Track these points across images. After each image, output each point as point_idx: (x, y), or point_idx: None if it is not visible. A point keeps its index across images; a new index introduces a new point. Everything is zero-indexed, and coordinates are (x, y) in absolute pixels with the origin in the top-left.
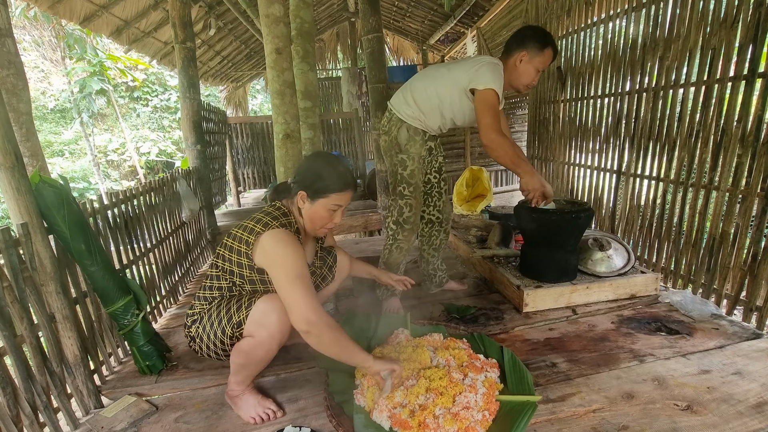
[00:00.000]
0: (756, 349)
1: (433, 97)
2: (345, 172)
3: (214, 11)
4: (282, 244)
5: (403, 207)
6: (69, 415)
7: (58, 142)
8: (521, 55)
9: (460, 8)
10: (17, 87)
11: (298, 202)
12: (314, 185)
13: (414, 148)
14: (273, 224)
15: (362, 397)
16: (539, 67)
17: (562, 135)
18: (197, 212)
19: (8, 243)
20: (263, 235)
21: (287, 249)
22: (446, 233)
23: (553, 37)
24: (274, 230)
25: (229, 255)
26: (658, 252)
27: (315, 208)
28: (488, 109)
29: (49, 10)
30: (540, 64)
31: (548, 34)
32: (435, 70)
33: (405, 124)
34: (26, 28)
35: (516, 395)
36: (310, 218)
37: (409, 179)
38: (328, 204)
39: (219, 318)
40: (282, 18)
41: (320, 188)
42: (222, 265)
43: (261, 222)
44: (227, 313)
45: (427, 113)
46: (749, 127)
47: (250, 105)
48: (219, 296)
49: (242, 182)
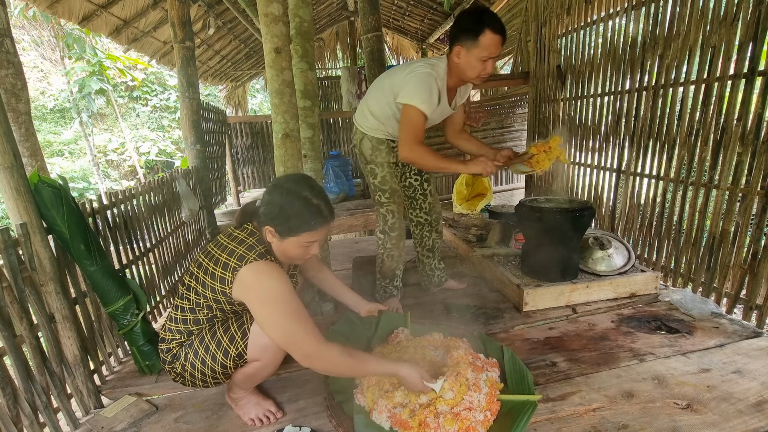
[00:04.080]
0: (756, 347)
1: (385, 106)
2: (318, 205)
3: (213, 10)
4: (264, 277)
5: (386, 215)
6: (69, 415)
7: (58, 141)
8: (457, 50)
9: (460, 7)
10: (16, 87)
11: (266, 234)
12: (282, 223)
13: (380, 156)
14: (250, 256)
15: (362, 397)
16: (482, 56)
17: (562, 134)
18: (197, 212)
19: (7, 243)
20: (241, 271)
21: (270, 282)
22: (438, 233)
23: (492, 14)
24: (253, 264)
25: (203, 290)
26: (658, 250)
27: (285, 246)
28: (406, 125)
29: (47, 10)
30: (481, 54)
31: (483, 16)
32: (382, 80)
33: (366, 136)
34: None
35: (516, 394)
36: (282, 253)
37: (382, 186)
38: (300, 242)
39: (207, 350)
40: (281, 17)
41: (289, 227)
42: (195, 299)
43: (235, 255)
44: (218, 346)
45: (385, 122)
46: (749, 125)
47: (250, 104)
48: (197, 329)
49: (242, 182)
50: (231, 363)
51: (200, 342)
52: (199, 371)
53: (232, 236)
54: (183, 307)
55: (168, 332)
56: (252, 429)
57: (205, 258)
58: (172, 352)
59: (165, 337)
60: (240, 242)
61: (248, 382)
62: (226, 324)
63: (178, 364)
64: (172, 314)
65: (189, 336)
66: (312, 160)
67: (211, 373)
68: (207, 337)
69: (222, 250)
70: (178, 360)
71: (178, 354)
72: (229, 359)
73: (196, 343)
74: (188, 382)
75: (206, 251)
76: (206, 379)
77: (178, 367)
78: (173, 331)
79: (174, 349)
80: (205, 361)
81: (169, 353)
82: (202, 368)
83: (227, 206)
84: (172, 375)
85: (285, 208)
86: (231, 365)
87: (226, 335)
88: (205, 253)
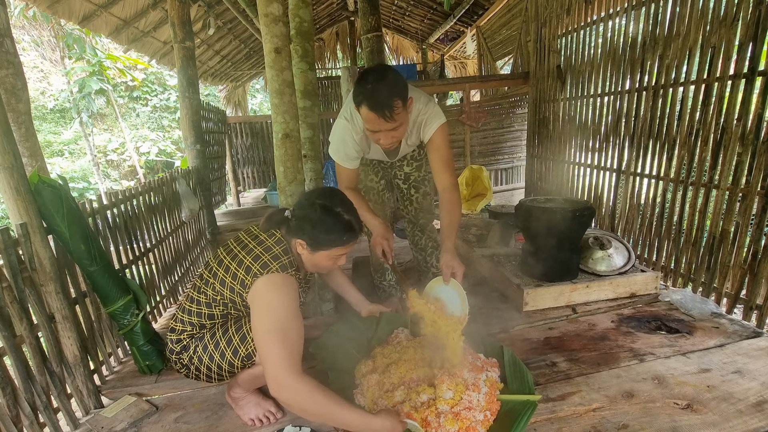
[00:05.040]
0: (756, 347)
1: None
2: (349, 221)
3: (213, 10)
4: (273, 290)
5: None
6: (69, 415)
7: (58, 142)
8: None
9: (460, 7)
10: (16, 87)
11: (296, 247)
12: (315, 238)
13: None
14: (273, 266)
15: (362, 397)
16: (368, 127)
17: (562, 134)
18: (197, 212)
19: (7, 243)
20: (260, 279)
21: (277, 296)
22: (428, 237)
23: (365, 85)
24: (271, 275)
25: (220, 288)
26: (658, 250)
27: (316, 259)
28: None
29: (47, 10)
30: (365, 123)
31: (361, 83)
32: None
33: None
34: (25, 27)
35: (516, 394)
36: (311, 264)
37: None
38: (330, 255)
39: (217, 347)
40: (281, 17)
41: (322, 242)
42: (212, 295)
43: (260, 261)
44: (228, 344)
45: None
46: (749, 125)
47: (250, 104)
48: (210, 323)
49: (242, 182)
50: (239, 363)
51: (211, 337)
52: (206, 366)
53: (258, 239)
54: (199, 300)
55: (179, 323)
56: (252, 429)
57: (227, 255)
58: (182, 342)
59: (175, 327)
60: (266, 249)
61: (252, 383)
62: (239, 323)
63: (186, 356)
64: (186, 305)
65: (201, 329)
66: (312, 160)
67: (217, 369)
68: (219, 333)
69: (247, 252)
70: (186, 351)
71: (187, 345)
72: (237, 359)
73: (207, 337)
74: (192, 375)
75: (228, 248)
76: (211, 375)
77: (185, 358)
78: (185, 323)
79: (184, 339)
80: (213, 357)
81: (179, 344)
82: (209, 363)
83: (227, 206)
84: (177, 366)
85: (318, 224)
86: (239, 365)
87: (238, 334)
88: (227, 251)
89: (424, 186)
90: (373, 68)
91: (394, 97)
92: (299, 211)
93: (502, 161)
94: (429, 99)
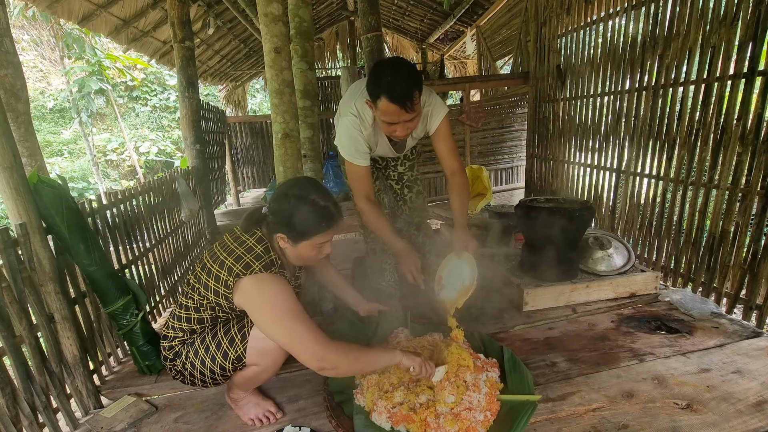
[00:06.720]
0: (756, 347)
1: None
2: (326, 207)
3: (213, 10)
4: (267, 285)
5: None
6: (68, 416)
7: (57, 141)
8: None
9: (460, 7)
10: (15, 87)
11: (278, 242)
12: (294, 230)
13: None
14: (255, 266)
15: (362, 397)
16: (385, 119)
17: (561, 133)
18: (196, 212)
19: (7, 243)
20: (244, 279)
21: (270, 288)
22: (425, 234)
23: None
24: (257, 275)
25: (205, 292)
26: (658, 250)
27: (300, 251)
28: (348, 177)
29: (47, 10)
30: (382, 116)
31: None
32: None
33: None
34: (24, 27)
35: (516, 394)
36: (296, 257)
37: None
38: (313, 244)
39: (207, 351)
40: (281, 17)
41: (301, 233)
42: (199, 300)
43: (242, 262)
44: (218, 347)
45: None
46: (749, 125)
47: (250, 104)
48: (200, 328)
49: (241, 182)
50: (230, 365)
51: (201, 342)
52: (198, 371)
53: (239, 240)
54: (187, 306)
55: (171, 330)
56: (252, 429)
57: (210, 259)
58: (174, 349)
59: (167, 335)
60: (248, 249)
61: (247, 385)
62: (227, 326)
63: (179, 362)
64: (176, 312)
65: (191, 334)
66: (312, 160)
67: (209, 373)
68: (208, 337)
69: (228, 253)
70: (179, 358)
71: (179, 351)
72: (228, 362)
73: (197, 342)
74: (188, 380)
75: (212, 252)
76: (205, 379)
77: (179, 365)
78: (176, 329)
79: (176, 346)
80: (205, 362)
81: (171, 351)
82: (201, 368)
83: (227, 206)
84: (172, 373)
85: (294, 215)
86: (230, 367)
87: (226, 337)
88: (211, 255)
89: (417, 185)
90: (387, 61)
91: (412, 87)
92: (274, 205)
93: (502, 161)
94: (429, 89)
